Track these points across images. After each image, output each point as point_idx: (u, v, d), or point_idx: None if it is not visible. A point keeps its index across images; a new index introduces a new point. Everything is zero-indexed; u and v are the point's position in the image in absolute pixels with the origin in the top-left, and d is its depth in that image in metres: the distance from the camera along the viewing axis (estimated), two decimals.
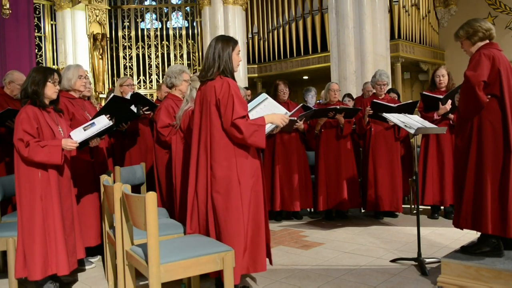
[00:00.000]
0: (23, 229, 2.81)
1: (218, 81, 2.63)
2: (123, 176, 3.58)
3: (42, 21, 10.00)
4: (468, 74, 2.69)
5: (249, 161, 2.64)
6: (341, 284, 3.00)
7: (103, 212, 3.10)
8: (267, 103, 2.85)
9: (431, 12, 11.20)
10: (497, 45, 2.81)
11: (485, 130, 2.69)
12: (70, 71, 3.53)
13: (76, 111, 3.49)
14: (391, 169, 4.84)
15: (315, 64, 10.74)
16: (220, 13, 10.46)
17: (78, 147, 2.96)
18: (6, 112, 3.59)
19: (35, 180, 2.82)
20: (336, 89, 5.09)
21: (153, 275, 2.12)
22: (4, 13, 6.75)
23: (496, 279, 2.54)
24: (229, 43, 2.71)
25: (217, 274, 2.58)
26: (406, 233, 4.30)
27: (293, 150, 4.99)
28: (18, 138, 2.78)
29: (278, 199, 4.93)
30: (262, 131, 2.59)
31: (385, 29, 7.69)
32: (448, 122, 4.67)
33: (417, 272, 3.16)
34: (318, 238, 4.25)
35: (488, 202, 2.64)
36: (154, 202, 2.11)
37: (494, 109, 2.68)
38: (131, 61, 11.33)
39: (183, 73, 3.67)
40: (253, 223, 2.64)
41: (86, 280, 3.24)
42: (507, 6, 10.72)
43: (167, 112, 3.58)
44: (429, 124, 3.67)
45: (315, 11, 10.60)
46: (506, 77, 2.69)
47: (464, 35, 2.87)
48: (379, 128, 4.89)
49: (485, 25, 2.82)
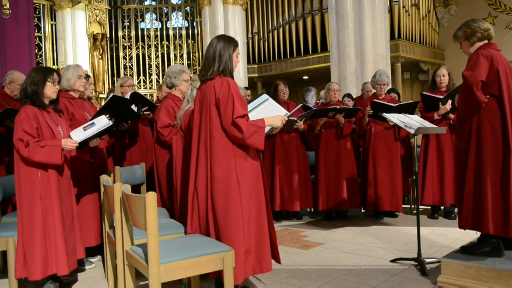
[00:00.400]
0: (23, 229, 2.81)
1: (217, 81, 2.63)
2: (123, 176, 3.58)
3: (42, 21, 9.99)
4: (466, 74, 2.69)
5: (248, 161, 2.64)
6: (341, 284, 3.00)
7: (103, 212, 3.10)
8: (268, 103, 2.85)
9: (431, 12, 11.20)
10: (496, 45, 2.81)
11: (484, 130, 2.69)
12: (70, 71, 3.54)
13: (76, 111, 3.49)
14: (391, 169, 4.84)
15: (315, 64, 10.74)
16: (220, 13, 10.46)
17: (78, 147, 2.96)
18: (5, 111, 3.59)
19: (35, 180, 2.82)
20: (336, 89, 5.09)
21: (153, 275, 2.12)
22: (4, 13, 6.76)
23: (496, 279, 2.54)
24: (231, 44, 2.70)
25: (217, 274, 2.58)
26: (406, 233, 4.30)
27: (293, 150, 4.99)
28: (17, 138, 2.78)
29: (278, 199, 4.93)
30: (262, 132, 2.58)
31: (385, 29, 7.69)
32: (448, 122, 4.67)
33: (417, 272, 3.16)
34: (318, 238, 4.25)
35: (488, 202, 2.64)
36: (154, 202, 2.11)
37: (493, 109, 2.68)
38: (131, 61, 11.33)
39: (183, 73, 3.66)
40: (255, 223, 2.64)
41: (86, 280, 3.24)
42: (507, 6, 10.72)
43: (167, 112, 3.58)
44: (429, 124, 3.67)
45: (315, 11, 10.60)
46: (504, 77, 2.69)
47: (463, 36, 2.87)
48: (379, 128, 4.89)
49: (484, 25, 2.82)
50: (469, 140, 2.74)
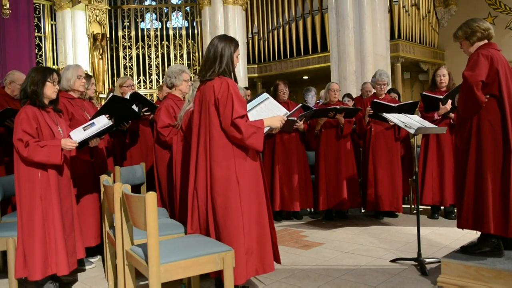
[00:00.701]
0: (23, 229, 2.81)
1: (217, 81, 2.62)
2: (123, 176, 3.58)
3: (42, 21, 9.99)
4: (466, 74, 2.69)
5: (248, 161, 2.63)
6: (341, 284, 3.00)
7: (103, 212, 3.10)
8: (268, 103, 2.84)
9: (431, 12, 11.20)
10: (496, 45, 2.81)
11: (484, 130, 2.69)
12: (69, 71, 3.53)
13: (76, 111, 3.49)
14: (391, 169, 4.84)
15: (315, 64, 10.75)
16: (220, 13, 10.46)
17: (78, 147, 2.96)
18: (4, 111, 3.59)
19: (35, 180, 2.82)
20: (336, 89, 5.09)
21: (153, 275, 2.12)
22: (4, 13, 6.76)
23: (496, 279, 2.54)
24: (232, 44, 2.69)
25: (217, 274, 2.58)
26: (406, 233, 4.30)
27: (293, 150, 4.99)
28: (17, 138, 2.78)
29: (278, 199, 4.93)
30: (261, 133, 2.57)
31: (385, 29, 7.70)
32: (448, 122, 4.67)
33: (417, 272, 3.16)
34: (318, 238, 4.24)
35: (489, 202, 2.64)
36: (154, 202, 2.11)
37: (493, 109, 2.69)
38: (131, 61, 11.33)
39: (183, 73, 3.66)
40: (256, 223, 2.63)
41: (86, 280, 3.24)
42: (507, 6, 10.72)
43: (167, 112, 3.57)
44: (429, 124, 3.67)
45: (315, 11, 10.60)
46: (504, 77, 2.69)
47: (463, 36, 2.87)
48: (379, 128, 4.89)
49: (484, 25, 2.82)
50: (469, 140, 2.74)
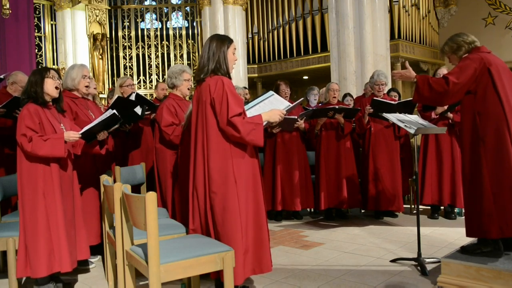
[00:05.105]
0: (26, 227, 2.81)
1: (212, 80, 2.61)
2: (123, 176, 3.58)
3: (42, 21, 9.98)
4: (450, 80, 2.70)
5: (245, 161, 2.62)
6: (341, 284, 3.00)
7: (103, 212, 3.10)
8: (273, 99, 2.83)
9: (431, 12, 11.20)
10: (485, 48, 2.87)
11: (488, 137, 2.66)
12: (75, 71, 3.51)
13: (79, 110, 3.49)
14: (391, 168, 4.85)
15: (315, 64, 10.74)
16: (220, 13, 10.45)
17: (86, 140, 2.96)
18: (13, 100, 3.58)
19: (38, 177, 2.82)
20: (336, 89, 5.10)
21: (153, 275, 2.12)
22: (4, 13, 6.76)
23: (496, 279, 2.54)
24: (224, 42, 2.68)
25: (217, 275, 2.58)
26: (406, 233, 4.30)
27: (293, 150, 4.99)
28: (21, 134, 2.79)
29: (279, 199, 4.93)
30: (260, 129, 2.56)
31: (385, 29, 7.69)
32: (447, 122, 4.67)
33: (417, 272, 3.16)
34: (318, 238, 4.25)
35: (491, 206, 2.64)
36: (154, 202, 2.10)
37: (495, 114, 2.66)
38: (131, 61, 11.32)
39: (184, 73, 3.67)
40: (254, 223, 2.62)
41: (86, 280, 3.24)
42: (507, 6, 10.72)
43: (169, 111, 3.57)
44: (429, 124, 3.68)
45: (315, 11, 10.60)
46: (498, 76, 2.68)
47: (450, 51, 2.97)
48: (379, 127, 4.89)
49: (468, 38, 2.90)
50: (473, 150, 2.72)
